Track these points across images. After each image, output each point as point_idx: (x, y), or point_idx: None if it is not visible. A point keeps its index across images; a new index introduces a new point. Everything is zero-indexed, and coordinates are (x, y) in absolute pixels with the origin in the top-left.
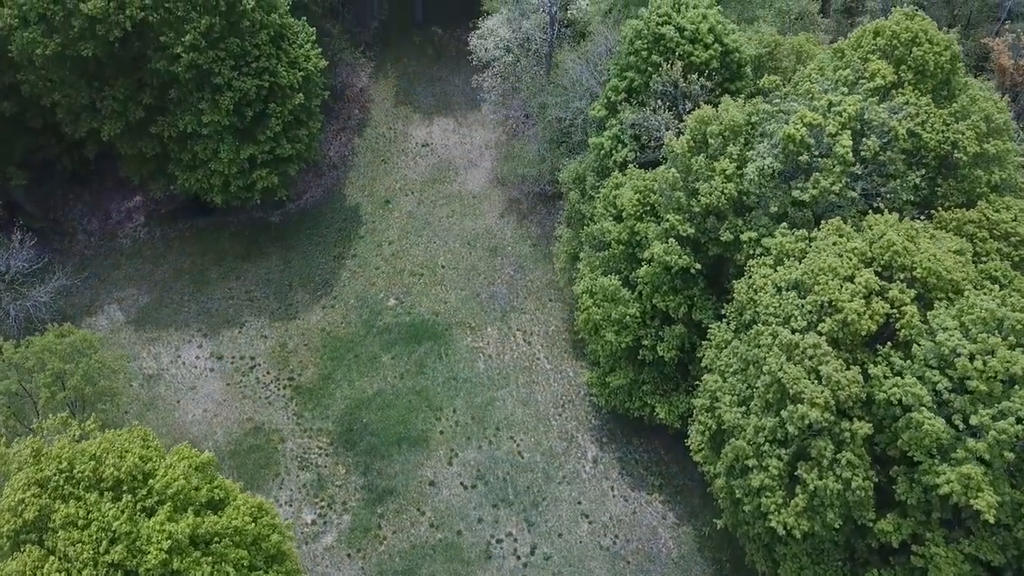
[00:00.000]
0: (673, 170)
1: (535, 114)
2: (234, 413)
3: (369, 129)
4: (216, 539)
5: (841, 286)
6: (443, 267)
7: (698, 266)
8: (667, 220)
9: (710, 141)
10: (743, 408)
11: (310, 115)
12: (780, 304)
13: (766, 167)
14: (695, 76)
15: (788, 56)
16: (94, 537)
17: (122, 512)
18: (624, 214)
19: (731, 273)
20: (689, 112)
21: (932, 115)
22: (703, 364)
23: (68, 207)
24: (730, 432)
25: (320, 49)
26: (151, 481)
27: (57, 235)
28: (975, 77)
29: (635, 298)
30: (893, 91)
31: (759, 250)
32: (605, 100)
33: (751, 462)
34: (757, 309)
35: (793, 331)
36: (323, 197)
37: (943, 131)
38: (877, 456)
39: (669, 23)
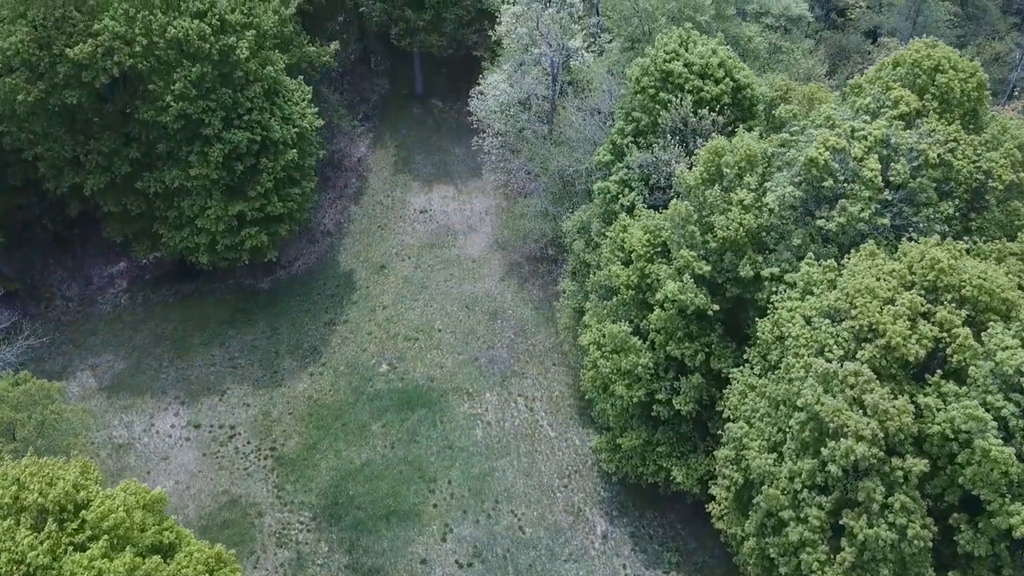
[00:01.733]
0: (686, 203)
1: (537, 171)
2: (208, 485)
3: (366, 197)
4: None
5: (882, 309)
6: (440, 331)
7: (716, 307)
8: (680, 257)
9: (725, 171)
10: (774, 455)
11: (304, 174)
12: (812, 334)
13: (787, 196)
14: (706, 111)
15: (801, 102)
16: (3, 571)
17: (41, 543)
18: (633, 256)
19: (751, 317)
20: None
21: (963, 141)
22: (725, 415)
23: (48, 272)
24: (760, 483)
25: (316, 108)
26: (84, 513)
27: (33, 300)
28: None
29: (647, 348)
30: (918, 120)
31: (782, 287)
32: (610, 145)
33: (787, 514)
34: (786, 342)
35: (829, 361)
36: (316, 264)
37: (974, 159)
38: (931, 505)
39: (677, 59)
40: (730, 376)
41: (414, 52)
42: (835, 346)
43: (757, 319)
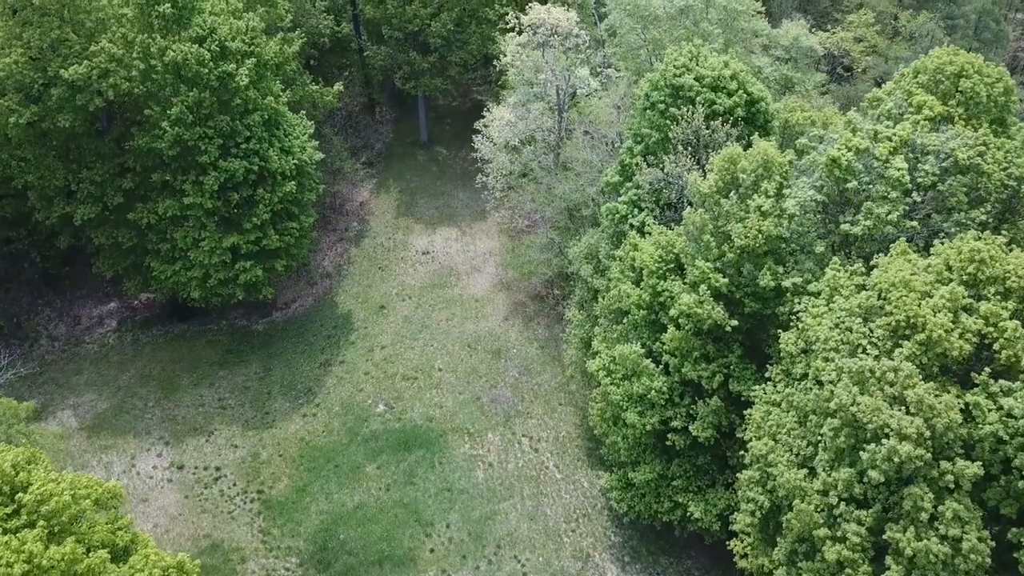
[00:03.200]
0: (700, 210)
1: (542, 199)
2: (189, 529)
3: (367, 240)
4: None
5: (920, 302)
6: (440, 370)
7: (734, 322)
8: (696, 268)
9: (741, 177)
10: (804, 470)
11: (302, 209)
12: (842, 335)
13: (808, 200)
14: (718, 123)
15: (815, 123)
16: None
17: None
18: (644, 273)
19: (772, 335)
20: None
21: (992, 145)
22: (747, 436)
23: (35, 311)
24: (789, 502)
25: (317, 143)
26: (21, 496)
27: (17, 339)
28: None
29: (660, 371)
30: (943, 125)
31: (805, 299)
32: (619, 166)
33: (822, 532)
34: (813, 347)
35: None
36: (313, 305)
37: (1005, 166)
38: (986, 518)
39: (688, 73)
40: (751, 395)
41: (419, 101)
42: (869, 346)
43: (780, 332)
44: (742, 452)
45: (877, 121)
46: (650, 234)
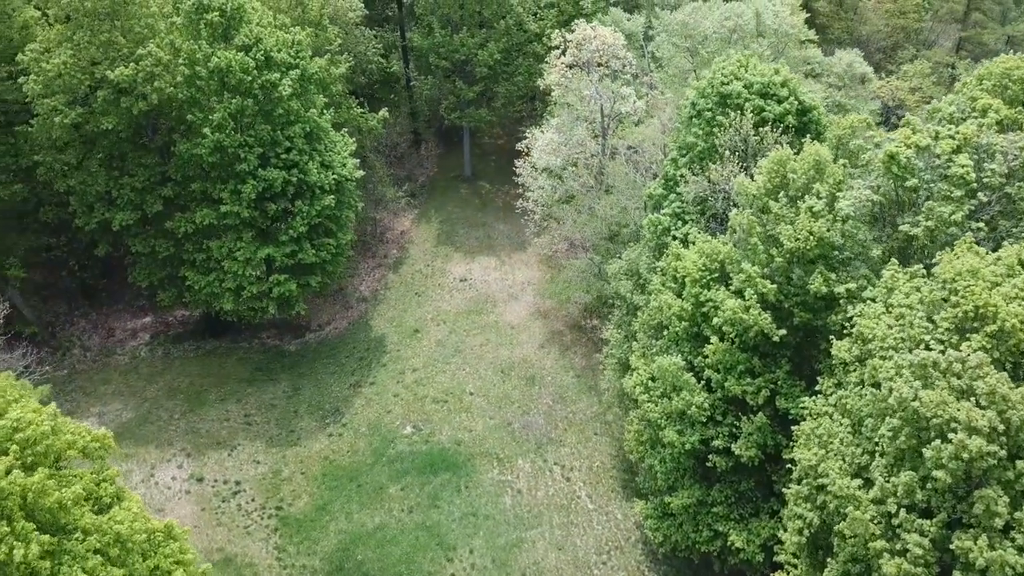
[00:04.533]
0: (748, 211)
1: (582, 224)
2: (203, 541)
3: (405, 266)
4: (75, 533)
5: (990, 291)
6: (471, 394)
7: (782, 332)
8: (741, 272)
9: (791, 177)
10: (859, 480)
11: (339, 225)
12: (902, 331)
13: (863, 199)
14: (767, 129)
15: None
16: None
17: None
18: (687, 281)
19: (823, 350)
20: None
21: None
22: (796, 453)
23: (71, 322)
24: (841, 515)
25: (358, 161)
26: None
27: (50, 347)
28: None
29: (702, 387)
30: (1011, 130)
31: (860, 306)
32: (663, 179)
33: (879, 544)
34: (870, 346)
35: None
36: (347, 329)
37: None
38: None
39: (736, 80)
40: (800, 412)
41: (464, 137)
42: (933, 342)
43: (833, 340)
44: (789, 466)
45: (938, 124)
46: (693, 243)
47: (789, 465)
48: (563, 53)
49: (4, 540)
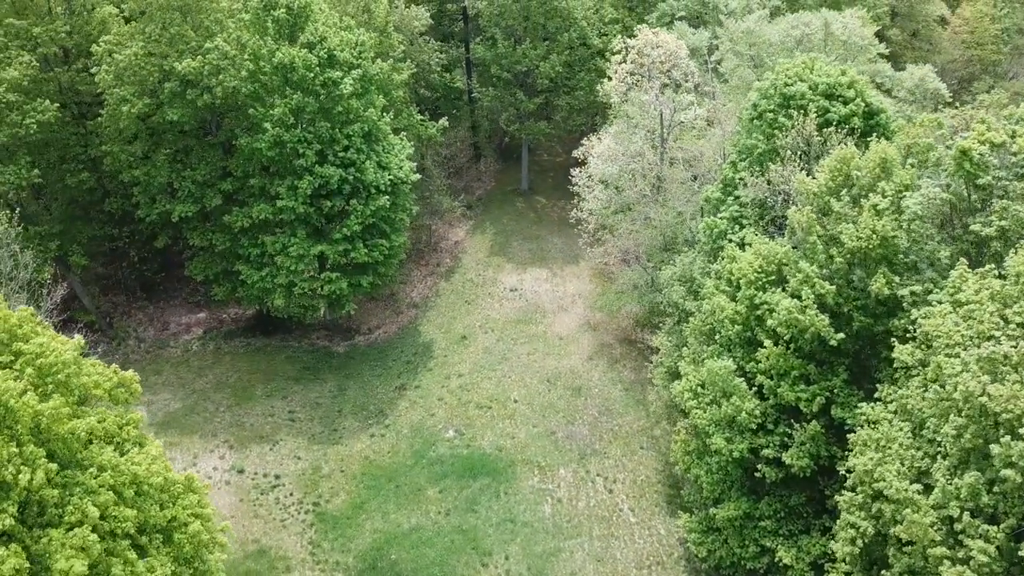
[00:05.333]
0: (807, 208)
1: (638, 230)
2: (238, 532)
3: (457, 275)
4: (92, 468)
5: None
6: (515, 402)
7: (840, 336)
8: (799, 272)
9: (855, 175)
10: (918, 486)
11: (393, 227)
12: (970, 327)
13: (933, 197)
14: (832, 130)
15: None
16: None
17: None
18: (742, 283)
19: (884, 358)
20: None
21: None
22: (851, 461)
23: (128, 315)
24: (898, 519)
25: (415, 165)
26: (19, 345)
27: (107, 337)
28: None
29: (754, 394)
30: None
31: (925, 308)
32: (721, 182)
33: (938, 551)
34: (935, 342)
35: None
36: (396, 333)
37: None
38: None
39: (801, 82)
40: (858, 415)
41: (523, 152)
42: (1004, 338)
43: (896, 343)
44: (845, 475)
45: (1016, 123)
46: (750, 246)
47: (844, 473)
48: (624, 60)
49: (11, 461)
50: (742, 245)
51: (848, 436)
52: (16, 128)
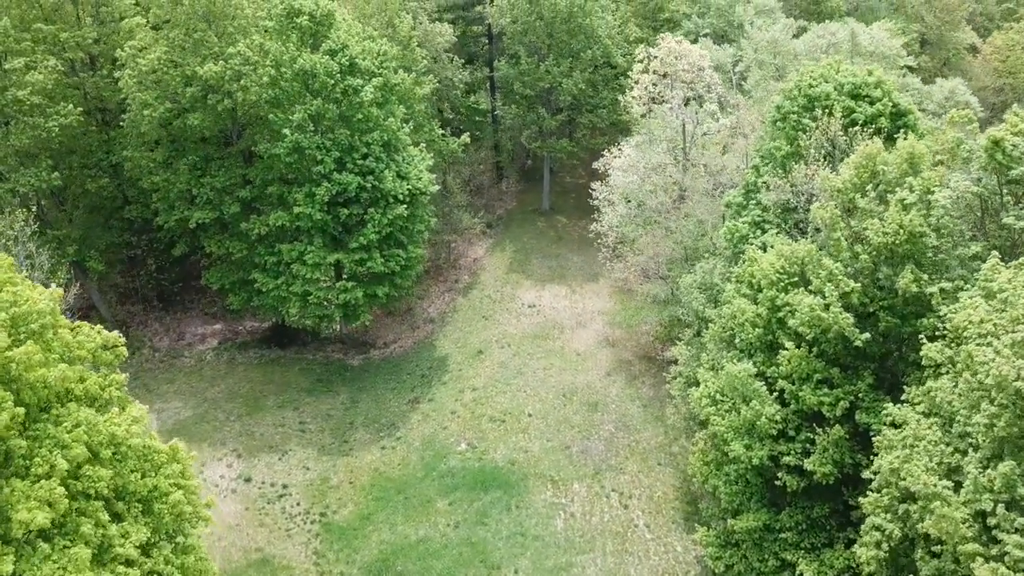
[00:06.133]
0: (831, 204)
1: (659, 241)
2: (242, 540)
3: (475, 291)
4: (66, 424)
5: None
6: (530, 416)
7: (865, 336)
8: (822, 268)
9: (881, 169)
10: (948, 482)
11: (411, 238)
12: (1001, 315)
13: (963, 191)
14: (857, 129)
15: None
16: None
17: None
18: (763, 283)
19: (911, 361)
20: None
21: None
22: (877, 462)
23: (145, 325)
24: (926, 513)
25: (434, 176)
26: None
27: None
28: None
29: (774, 399)
30: None
31: (954, 307)
32: (743, 187)
33: (970, 548)
34: (963, 336)
35: None
36: (412, 347)
37: None
38: None
39: (825, 83)
40: (884, 417)
41: (544, 172)
42: None
43: (925, 342)
44: (870, 477)
45: None
46: (772, 247)
47: (870, 475)
48: (647, 69)
49: None
50: (764, 248)
51: (874, 442)
52: (38, 131)
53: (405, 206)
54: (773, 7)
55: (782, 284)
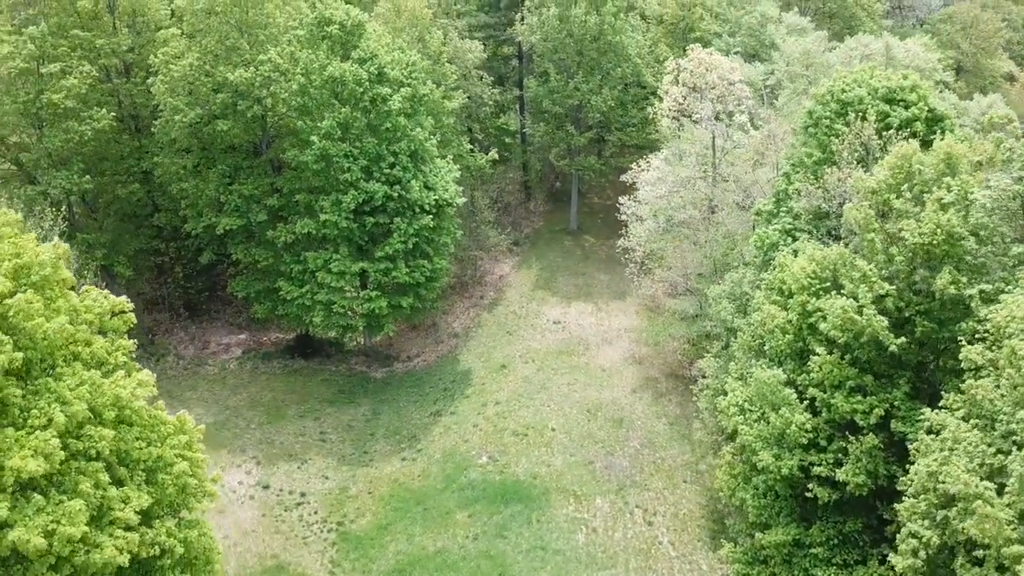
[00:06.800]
0: (865, 204)
1: (684, 256)
2: (258, 546)
3: (500, 307)
4: (61, 373)
5: None
6: (553, 430)
7: (901, 341)
8: (855, 270)
9: (918, 169)
10: (991, 483)
11: (436, 250)
12: None
13: (1005, 187)
14: (891, 133)
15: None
16: None
17: None
18: (794, 288)
19: (949, 368)
20: None
21: None
22: (913, 467)
23: (171, 333)
24: (966, 513)
25: (461, 189)
26: None
27: (148, 353)
28: None
29: (805, 408)
30: None
31: (994, 308)
32: (773, 195)
33: (1015, 550)
34: (1007, 330)
35: None
36: (435, 361)
37: None
38: None
39: (859, 87)
40: (922, 422)
41: (572, 192)
42: None
43: (963, 342)
44: (908, 481)
45: None
46: (803, 252)
47: (906, 482)
48: (676, 81)
49: None
50: (795, 254)
51: (910, 450)
52: (71, 134)
53: (431, 217)
54: (805, 26)
55: (813, 289)
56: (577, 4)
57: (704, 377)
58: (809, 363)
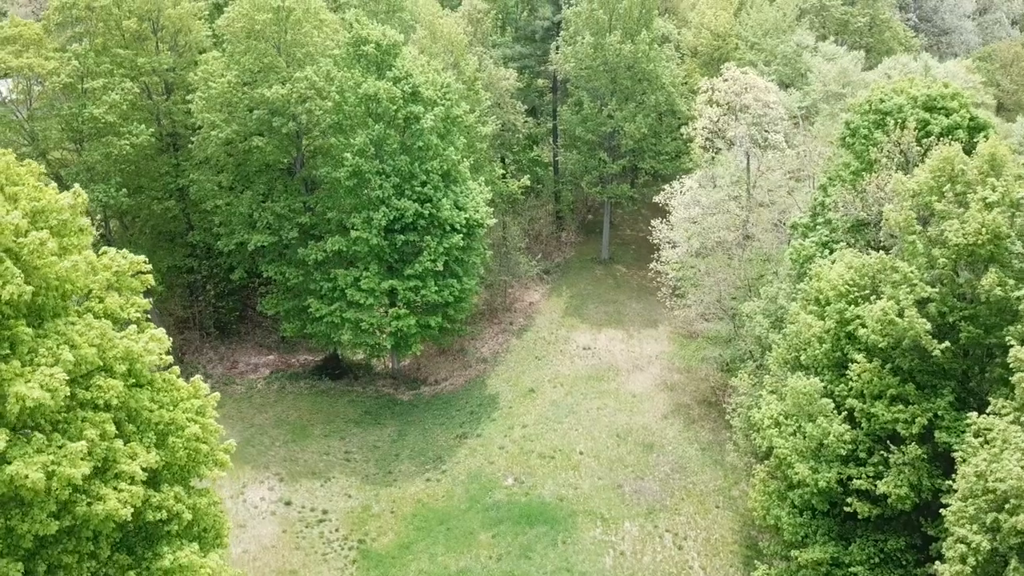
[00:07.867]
0: (905, 205)
1: (717, 272)
2: (277, 561)
3: (530, 333)
4: (72, 321)
5: None
6: (581, 454)
7: (944, 345)
8: (896, 273)
9: (961, 169)
10: None
11: (466, 270)
12: None
13: None
14: (932, 140)
15: None
16: None
17: None
18: (832, 295)
19: (997, 376)
20: None
21: None
22: (959, 471)
23: (200, 353)
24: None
25: (491, 210)
26: (13, 189)
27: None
28: None
29: (843, 419)
30: None
31: None
32: (810, 208)
33: None
34: None
35: None
36: (463, 385)
37: None
38: None
39: (898, 96)
40: (968, 426)
41: (604, 222)
42: None
43: (1012, 341)
44: (953, 490)
45: None
46: (842, 259)
47: (953, 488)
48: (711, 100)
49: None
50: (832, 264)
51: (956, 458)
52: (111, 148)
53: (461, 236)
54: (841, 56)
55: (851, 296)
56: (612, 32)
57: (738, 395)
58: (847, 373)
